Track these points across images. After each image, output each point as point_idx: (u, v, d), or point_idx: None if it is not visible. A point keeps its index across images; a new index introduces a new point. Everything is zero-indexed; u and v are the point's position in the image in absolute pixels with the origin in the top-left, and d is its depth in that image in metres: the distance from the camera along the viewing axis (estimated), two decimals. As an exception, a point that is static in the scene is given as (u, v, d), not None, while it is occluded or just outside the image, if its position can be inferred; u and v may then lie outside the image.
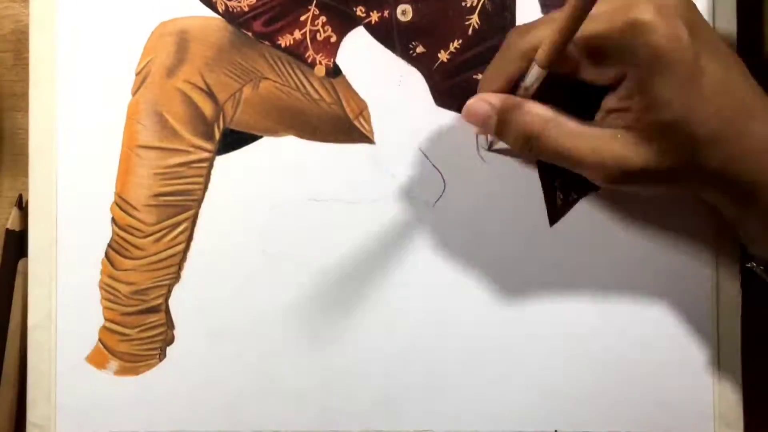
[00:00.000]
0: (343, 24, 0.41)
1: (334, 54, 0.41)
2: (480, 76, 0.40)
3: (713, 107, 0.31)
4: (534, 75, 0.33)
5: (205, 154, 0.40)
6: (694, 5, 0.33)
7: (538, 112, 0.34)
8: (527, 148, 0.35)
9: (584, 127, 0.33)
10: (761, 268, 0.35)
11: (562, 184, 0.40)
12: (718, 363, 0.40)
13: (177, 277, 0.40)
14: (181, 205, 0.40)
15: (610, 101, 0.33)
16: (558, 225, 0.40)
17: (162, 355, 0.40)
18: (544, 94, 0.35)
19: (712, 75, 0.31)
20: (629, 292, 0.40)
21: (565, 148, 0.33)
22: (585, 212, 0.40)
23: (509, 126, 0.34)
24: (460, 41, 0.41)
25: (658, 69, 0.30)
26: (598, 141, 0.33)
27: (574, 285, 0.40)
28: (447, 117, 0.40)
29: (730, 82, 0.31)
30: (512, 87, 0.35)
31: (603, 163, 0.32)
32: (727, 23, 0.40)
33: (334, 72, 0.41)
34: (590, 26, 0.31)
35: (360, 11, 0.41)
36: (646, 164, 0.32)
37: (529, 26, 0.35)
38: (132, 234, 0.40)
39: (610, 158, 0.32)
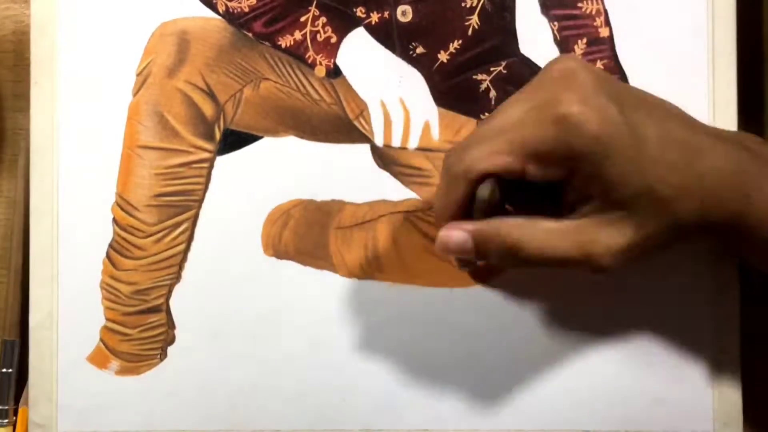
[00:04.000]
0: (344, 25, 0.41)
1: (335, 54, 0.41)
2: (480, 77, 0.40)
3: (665, 165, 0.31)
4: (483, 194, 0.33)
5: (206, 155, 0.41)
6: (608, 74, 0.33)
7: (510, 224, 0.33)
8: (513, 261, 0.33)
9: (560, 224, 0.33)
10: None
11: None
12: (718, 362, 0.40)
13: (178, 277, 0.41)
14: (181, 206, 0.40)
15: (570, 194, 0.33)
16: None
17: (163, 355, 0.41)
18: (503, 202, 0.34)
19: (652, 136, 0.31)
20: (628, 293, 0.40)
21: (548, 250, 0.32)
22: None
23: (488, 246, 0.33)
24: (460, 42, 0.41)
25: (603, 155, 0.30)
26: (579, 235, 0.32)
27: (572, 284, 0.40)
28: (447, 117, 0.41)
29: (670, 133, 0.32)
30: (467, 209, 0.34)
31: (591, 255, 0.32)
32: (727, 24, 0.40)
33: (335, 72, 0.41)
34: (522, 132, 0.31)
35: (360, 12, 0.41)
36: (632, 240, 0.32)
37: (464, 146, 0.33)
38: (133, 234, 0.40)
39: (596, 248, 0.32)
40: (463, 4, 0.40)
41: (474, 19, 0.40)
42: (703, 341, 0.40)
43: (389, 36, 0.41)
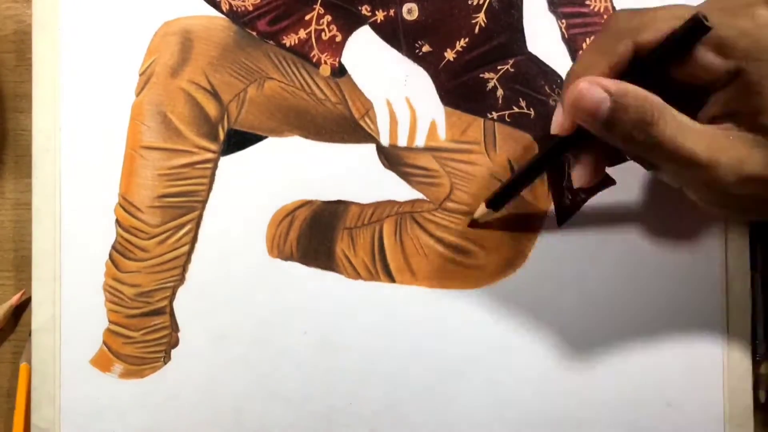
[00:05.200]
0: (349, 23, 0.40)
1: (340, 53, 0.40)
2: (487, 75, 0.40)
3: None
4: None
5: (210, 155, 0.40)
6: None
7: (655, 98, 0.30)
8: (642, 136, 0.30)
9: (699, 124, 0.31)
10: None
11: (571, 185, 0.40)
12: (728, 364, 0.39)
13: (181, 279, 0.40)
14: (185, 207, 0.40)
15: (715, 104, 0.31)
16: (566, 225, 0.40)
17: (167, 358, 0.40)
18: None
19: None
20: (637, 293, 0.40)
21: (679, 141, 0.30)
22: (593, 212, 0.40)
23: (625, 111, 0.30)
24: (467, 40, 0.40)
25: None
26: (715, 141, 0.30)
27: (580, 284, 0.40)
28: (454, 116, 0.40)
29: None
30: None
31: (717, 166, 0.30)
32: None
33: (340, 71, 0.40)
34: (715, 17, 0.30)
35: (365, 10, 0.40)
36: (763, 170, 0.30)
37: (635, 11, 0.32)
38: (136, 236, 0.40)
39: (726, 161, 0.30)
40: (469, 2, 0.40)
41: (481, 17, 0.40)
42: (715, 344, 0.40)
43: (395, 34, 0.40)
